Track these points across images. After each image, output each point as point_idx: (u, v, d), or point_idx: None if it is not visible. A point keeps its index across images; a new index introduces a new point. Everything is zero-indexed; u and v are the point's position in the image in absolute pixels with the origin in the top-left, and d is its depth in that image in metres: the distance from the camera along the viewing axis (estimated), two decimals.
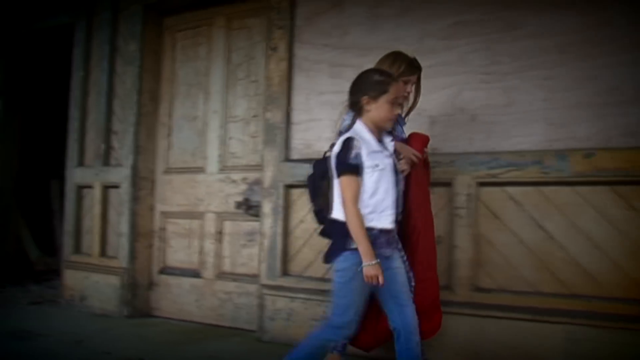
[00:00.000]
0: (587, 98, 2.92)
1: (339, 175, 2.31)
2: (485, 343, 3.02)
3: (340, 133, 2.48)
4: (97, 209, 4.54)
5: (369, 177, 2.31)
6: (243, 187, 4.01)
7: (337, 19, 3.56)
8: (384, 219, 2.36)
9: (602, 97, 2.89)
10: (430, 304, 2.68)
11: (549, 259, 2.96)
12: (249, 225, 3.94)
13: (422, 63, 3.19)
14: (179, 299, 4.27)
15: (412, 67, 2.78)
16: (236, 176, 4.06)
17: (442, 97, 3.18)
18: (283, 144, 3.67)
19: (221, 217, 4.12)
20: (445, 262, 3.12)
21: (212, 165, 4.20)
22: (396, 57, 2.74)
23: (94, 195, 4.58)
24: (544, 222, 2.97)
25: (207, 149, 4.24)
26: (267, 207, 3.69)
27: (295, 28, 3.71)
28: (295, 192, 3.62)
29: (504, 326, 2.98)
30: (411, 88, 2.81)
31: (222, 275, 4.10)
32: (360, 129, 2.38)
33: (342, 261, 2.33)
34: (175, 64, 4.47)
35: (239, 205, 3.90)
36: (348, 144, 2.30)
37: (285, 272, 3.63)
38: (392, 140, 2.50)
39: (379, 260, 2.26)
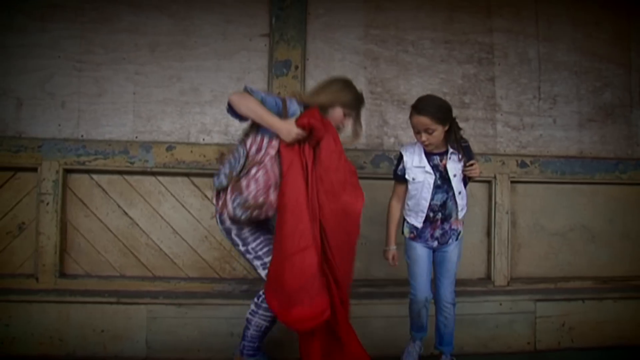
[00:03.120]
0: (173, 96, 3.17)
1: None
2: (72, 329, 3.03)
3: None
4: None
5: None
6: None
7: None
8: None
9: (185, 97, 3.18)
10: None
11: (133, 244, 3.15)
12: None
13: (13, 42, 3.09)
14: None
15: (358, 102, 2.65)
16: None
17: (32, 80, 3.06)
18: None
19: None
20: (31, 249, 3.06)
21: None
22: (346, 85, 2.62)
23: None
24: (129, 209, 3.14)
25: None
26: None
27: None
28: None
29: (90, 310, 3.04)
30: (347, 121, 2.64)
31: None
32: None
33: None
34: None
35: None
36: None
37: None
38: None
39: None
